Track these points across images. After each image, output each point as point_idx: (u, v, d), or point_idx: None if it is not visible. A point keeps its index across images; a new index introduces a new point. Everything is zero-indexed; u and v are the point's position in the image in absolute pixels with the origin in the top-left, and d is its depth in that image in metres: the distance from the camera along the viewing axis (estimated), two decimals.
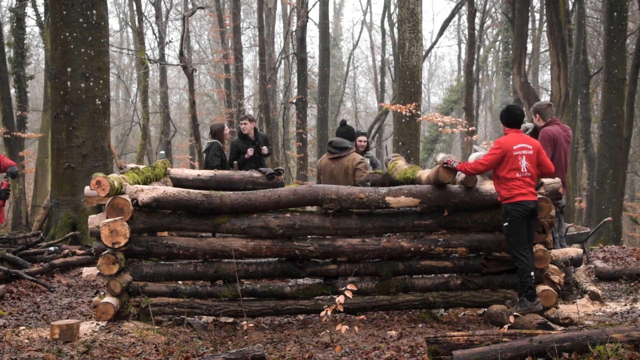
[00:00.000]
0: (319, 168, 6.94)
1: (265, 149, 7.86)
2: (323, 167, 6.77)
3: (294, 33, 21.49)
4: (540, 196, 5.21)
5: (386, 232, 5.48)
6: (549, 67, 15.89)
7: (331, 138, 6.99)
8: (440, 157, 5.31)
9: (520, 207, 4.94)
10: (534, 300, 4.95)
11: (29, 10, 21.59)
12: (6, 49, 16.70)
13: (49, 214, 9.99)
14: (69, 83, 9.48)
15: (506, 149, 5.02)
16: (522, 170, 4.99)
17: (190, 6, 22.38)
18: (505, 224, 5.02)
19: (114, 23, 34.60)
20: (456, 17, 26.06)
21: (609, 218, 10.12)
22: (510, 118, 5.22)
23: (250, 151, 7.68)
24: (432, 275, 5.58)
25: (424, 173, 5.77)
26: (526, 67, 17.24)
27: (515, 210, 4.95)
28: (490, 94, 31.05)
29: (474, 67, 18.80)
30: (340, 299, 4.41)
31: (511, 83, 20.45)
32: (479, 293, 5.43)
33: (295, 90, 22.37)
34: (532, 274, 4.95)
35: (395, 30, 22.87)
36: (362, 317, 5.51)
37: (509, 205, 4.98)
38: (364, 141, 7.96)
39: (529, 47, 20.97)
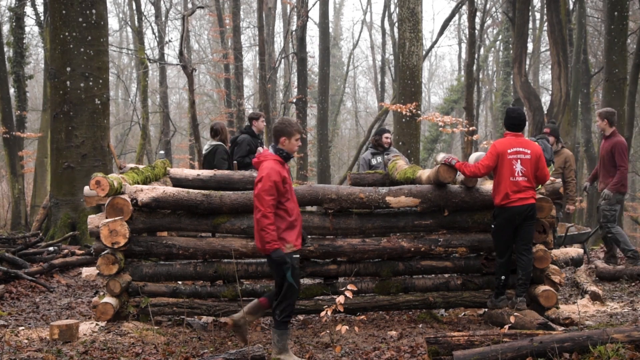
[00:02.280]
0: None
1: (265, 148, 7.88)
2: None
3: (293, 32, 21.48)
4: (540, 196, 5.20)
5: (386, 232, 5.46)
6: (550, 66, 15.87)
7: None
8: (441, 157, 5.29)
9: (506, 213, 4.98)
10: (497, 297, 5.18)
11: (28, 9, 21.60)
12: (5, 49, 16.66)
13: (49, 214, 9.97)
14: (68, 83, 9.47)
15: (500, 152, 5.02)
16: (516, 174, 4.97)
17: (189, 5, 22.37)
18: (492, 226, 5.14)
19: (113, 22, 34.63)
20: (456, 16, 26.06)
21: None
22: (508, 121, 5.20)
23: (260, 149, 7.65)
24: (433, 275, 5.57)
25: (424, 173, 5.76)
26: (527, 66, 17.23)
27: (501, 215, 5.03)
28: (491, 93, 31.03)
29: (475, 67, 18.77)
30: (340, 299, 4.39)
31: (511, 83, 20.44)
32: (480, 293, 5.42)
33: (295, 89, 22.35)
34: (503, 277, 5.10)
35: (396, 30, 22.85)
36: (362, 317, 5.49)
37: (497, 209, 5.06)
38: (389, 137, 7.95)
39: (530, 46, 20.96)
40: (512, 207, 4.96)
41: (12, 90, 17.15)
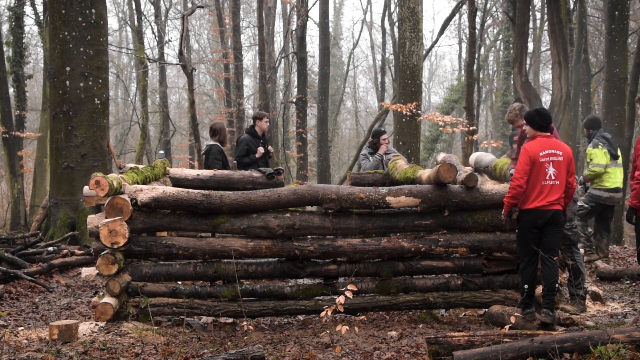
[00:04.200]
0: None
1: (271, 148, 7.84)
2: None
3: (293, 32, 21.46)
4: None
5: (387, 232, 5.44)
6: (550, 66, 15.86)
7: None
8: (441, 156, 5.27)
9: (529, 215, 4.77)
10: (524, 310, 4.87)
11: (28, 9, 21.58)
12: (5, 48, 16.63)
13: (48, 214, 9.96)
14: (67, 82, 9.46)
15: (533, 155, 4.76)
16: (547, 178, 4.72)
17: (189, 5, 22.35)
18: (517, 230, 4.97)
19: (113, 22, 34.62)
20: (457, 16, 26.04)
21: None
22: (542, 121, 4.85)
23: (261, 149, 7.61)
24: (433, 275, 5.56)
25: (425, 173, 5.75)
26: (527, 66, 17.21)
27: (524, 217, 4.82)
28: (491, 93, 31.02)
29: (475, 67, 18.74)
30: (340, 299, 4.38)
31: (512, 82, 20.41)
32: (480, 293, 5.41)
33: (295, 89, 22.34)
34: (526, 287, 4.83)
35: (396, 30, 22.84)
36: (362, 317, 5.48)
37: (521, 211, 4.86)
38: (386, 139, 7.90)
39: (530, 46, 20.94)
40: (534, 210, 4.74)
41: (11, 90, 17.13)
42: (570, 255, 5.49)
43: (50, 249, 8.49)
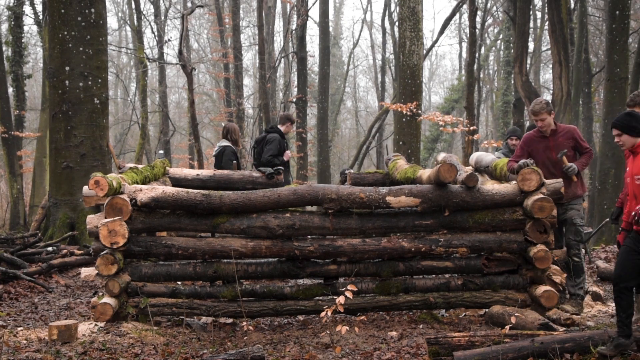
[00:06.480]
0: None
1: (290, 152, 7.98)
2: None
3: (293, 32, 21.46)
4: (541, 196, 5.15)
5: (387, 232, 5.43)
6: (551, 66, 15.83)
7: None
8: (441, 156, 5.26)
9: None
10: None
11: (27, 8, 21.53)
12: (4, 48, 16.62)
13: (47, 214, 9.96)
14: (67, 82, 9.45)
15: None
16: None
17: (189, 4, 22.35)
18: None
19: (112, 22, 34.61)
20: (457, 15, 26.04)
21: None
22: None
23: (288, 153, 7.70)
24: (433, 275, 5.55)
25: (425, 173, 5.73)
26: (527, 66, 17.20)
27: None
28: (492, 93, 31.00)
29: (475, 66, 18.73)
30: (340, 299, 4.37)
31: (512, 82, 20.40)
32: (480, 293, 5.39)
33: (295, 89, 22.33)
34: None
35: (396, 29, 22.83)
36: (362, 317, 5.47)
37: None
38: (516, 139, 7.43)
39: (531, 46, 20.93)
40: None
41: (10, 90, 17.12)
42: (576, 252, 5.56)
43: (50, 249, 8.48)
